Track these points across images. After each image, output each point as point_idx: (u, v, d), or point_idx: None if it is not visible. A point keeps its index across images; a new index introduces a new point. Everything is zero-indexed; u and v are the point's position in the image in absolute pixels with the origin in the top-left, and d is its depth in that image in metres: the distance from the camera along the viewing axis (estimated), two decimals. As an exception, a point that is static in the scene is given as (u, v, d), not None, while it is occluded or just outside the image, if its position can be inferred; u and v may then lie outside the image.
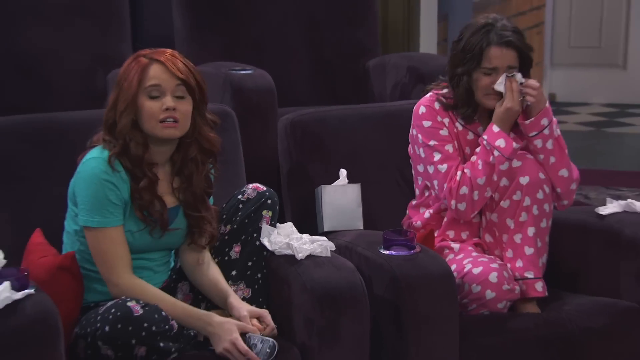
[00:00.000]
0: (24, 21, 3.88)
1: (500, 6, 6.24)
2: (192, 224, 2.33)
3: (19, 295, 2.05)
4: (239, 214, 2.38)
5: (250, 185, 2.42)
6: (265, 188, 2.42)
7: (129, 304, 2.11)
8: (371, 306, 2.29)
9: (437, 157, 2.62)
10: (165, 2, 4.28)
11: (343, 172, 2.69)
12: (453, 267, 2.46)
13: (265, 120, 3.42)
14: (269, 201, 2.40)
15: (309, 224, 2.64)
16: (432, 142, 2.64)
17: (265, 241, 2.36)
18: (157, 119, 2.23)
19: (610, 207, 2.72)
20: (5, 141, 2.47)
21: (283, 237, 2.36)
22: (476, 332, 2.43)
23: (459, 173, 2.57)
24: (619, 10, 7.03)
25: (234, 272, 2.36)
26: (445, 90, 2.67)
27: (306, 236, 2.38)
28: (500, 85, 2.55)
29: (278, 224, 2.41)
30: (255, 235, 2.37)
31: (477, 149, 2.57)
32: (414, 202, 2.76)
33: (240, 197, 2.40)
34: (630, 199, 2.78)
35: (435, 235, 2.64)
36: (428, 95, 2.70)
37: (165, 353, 2.13)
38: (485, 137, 2.55)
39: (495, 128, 2.53)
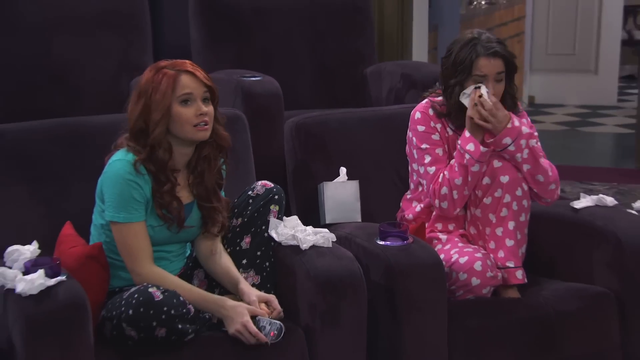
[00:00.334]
0: (56, 33, 3.87)
1: (484, 17, 6.24)
2: (205, 215, 2.33)
3: (52, 281, 2.06)
4: (249, 208, 2.38)
5: (260, 182, 2.42)
6: (272, 185, 2.41)
7: (150, 290, 2.11)
8: (368, 292, 2.29)
9: (427, 159, 2.62)
10: (182, 15, 4.28)
11: (343, 170, 2.69)
12: (441, 256, 2.44)
13: (272, 123, 3.41)
14: (276, 197, 2.39)
15: (312, 217, 2.64)
16: (424, 146, 2.63)
17: (272, 233, 2.36)
18: (191, 124, 2.23)
19: (584, 202, 2.71)
20: (39, 143, 2.47)
21: (289, 229, 2.36)
22: (463, 315, 2.42)
23: (440, 175, 2.57)
24: (591, 22, 7.05)
25: (244, 261, 2.36)
26: (439, 98, 2.66)
27: (310, 228, 2.38)
28: (463, 96, 2.53)
29: (284, 217, 2.41)
30: (263, 227, 2.37)
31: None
32: (408, 196, 2.75)
33: (250, 192, 2.40)
34: (602, 194, 2.77)
35: (425, 227, 2.64)
36: (424, 101, 2.69)
37: (183, 334, 2.13)
38: (459, 141, 2.54)
39: (467, 133, 2.52)
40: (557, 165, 2.68)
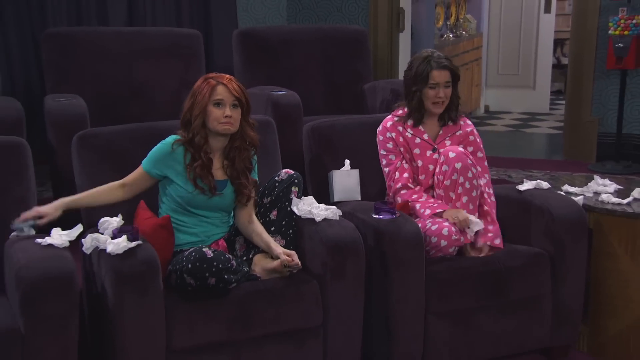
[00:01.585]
0: (135, 60, 3.89)
1: (452, 47, 6.20)
2: (236, 189, 2.32)
3: (133, 244, 2.06)
4: (276, 189, 2.36)
5: (283, 170, 2.40)
6: (293, 172, 2.39)
7: (204, 249, 2.11)
8: (366, 253, 2.27)
9: (383, 162, 2.63)
10: (227, 45, 4.28)
11: (347, 162, 2.65)
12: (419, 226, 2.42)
13: (294, 126, 3.40)
14: (296, 181, 2.37)
15: (324, 197, 2.61)
16: (382, 151, 2.64)
17: (294, 208, 2.34)
18: (218, 121, 2.25)
19: (526, 185, 2.67)
20: (123, 141, 2.46)
21: (306, 206, 2.34)
22: (436, 269, 2.39)
23: (400, 184, 2.56)
24: (530, 50, 7.07)
25: (272, 228, 2.34)
26: (400, 112, 2.64)
27: (322, 205, 2.36)
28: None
29: (303, 197, 2.39)
30: (287, 203, 2.35)
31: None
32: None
33: (276, 178, 2.38)
34: (539, 179, 2.74)
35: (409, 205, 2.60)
36: (389, 115, 2.67)
37: (228, 282, 2.13)
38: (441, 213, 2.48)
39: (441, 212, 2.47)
40: (506, 157, 2.66)
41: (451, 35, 6.60)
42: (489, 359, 2.51)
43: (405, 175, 2.58)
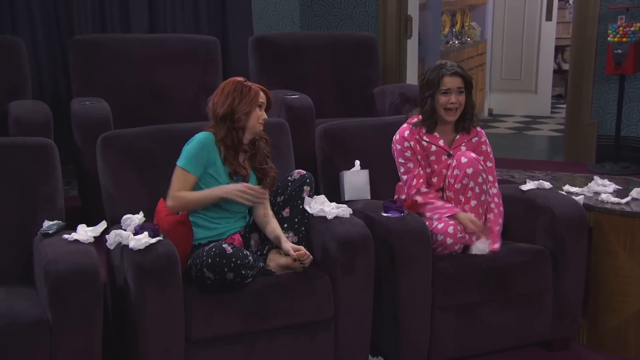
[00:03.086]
0: (156, 65, 3.90)
1: (457, 52, 6.18)
2: (259, 175, 2.35)
3: (153, 240, 2.07)
4: (289, 188, 2.36)
5: (296, 170, 2.41)
6: (305, 172, 2.40)
7: (223, 245, 2.12)
8: (375, 249, 2.26)
9: (402, 169, 2.60)
10: (243, 50, 4.28)
11: (357, 162, 2.65)
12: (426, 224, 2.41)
13: (307, 128, 3.39)
14: (308, 180, 2.38)
15: (335, 196, 2.61)
16: (400, 159, 2.60)
17: (306, 207, 2.35)
18: (258, 121, 2.30)
19: (529, 185, 2.66)
20: (144, 143, 2.47)
21: (318, 204, 2.35)
22: (442, 265, 2.39)
23: (418, 198, 2.52)
24: (532, 56, 7.02)
25: (285, 225, 2.34)
26: (415, 119, 2.62)
27: (334, 204, 2.36)
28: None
29: (315, 196, 2.39)
30: (299, 202, 2.35)
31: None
32: (399, 183, 2.70)
33: (289, 178, 2.38)
34: (541, 179, 2.73)
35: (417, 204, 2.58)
36: (404, 124, 2.64)
37: (244, 277, 2.13)
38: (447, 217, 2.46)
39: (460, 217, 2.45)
40: (509, 158, 2.64)
41: (456, 42, 6.57)
42: (492, 351, 2.51)
43: (421, 181, 2.56)
